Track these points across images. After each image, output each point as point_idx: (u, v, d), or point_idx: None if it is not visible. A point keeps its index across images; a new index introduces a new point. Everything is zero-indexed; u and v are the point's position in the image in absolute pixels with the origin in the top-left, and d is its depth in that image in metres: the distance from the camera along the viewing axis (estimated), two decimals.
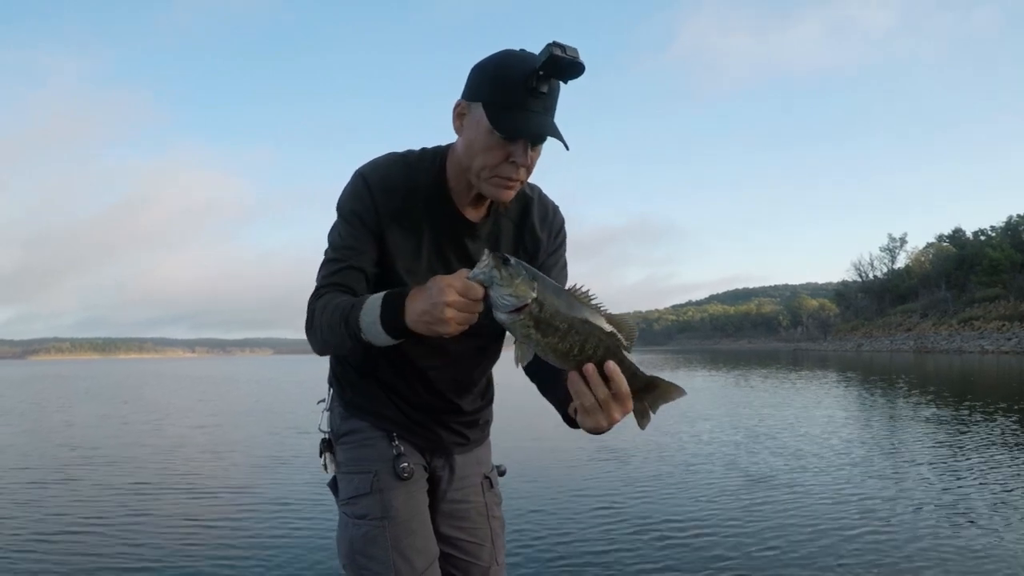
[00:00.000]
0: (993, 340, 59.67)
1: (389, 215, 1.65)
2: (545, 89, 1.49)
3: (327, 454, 1.87)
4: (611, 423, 1.38)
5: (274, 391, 25.41)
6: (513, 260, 1.30)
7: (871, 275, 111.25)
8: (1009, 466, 7.47)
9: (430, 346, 1.63)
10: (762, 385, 22.10)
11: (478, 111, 1.54)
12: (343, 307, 1.51)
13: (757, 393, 18.87)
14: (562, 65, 1.44)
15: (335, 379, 1.88)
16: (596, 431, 1.41)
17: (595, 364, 1.33)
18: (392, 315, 1.40)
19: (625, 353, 1.36)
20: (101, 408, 18.42)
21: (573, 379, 1.36)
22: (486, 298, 1.30)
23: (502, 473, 2.06)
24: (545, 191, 1.88)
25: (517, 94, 1.49)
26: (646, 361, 54.10)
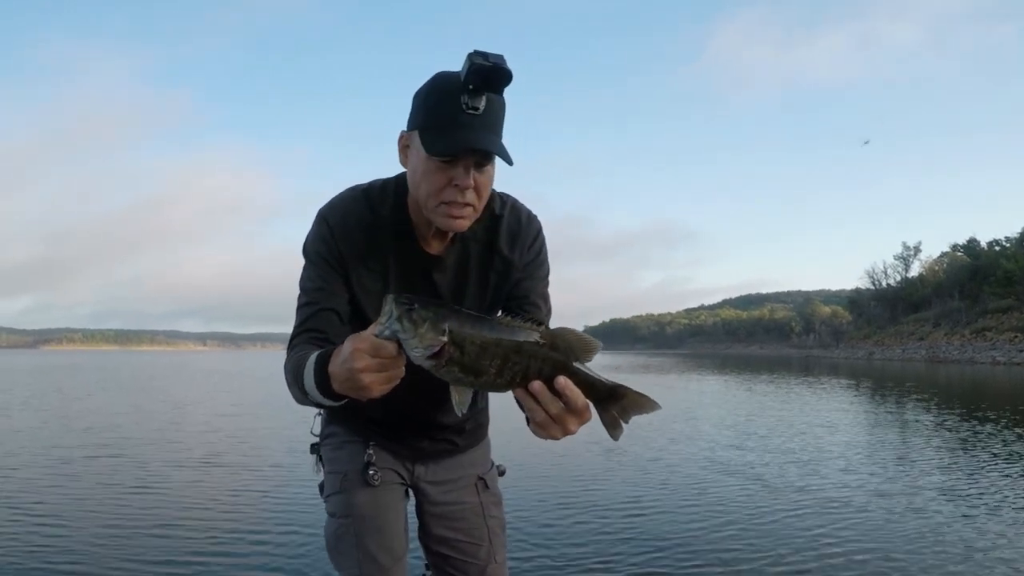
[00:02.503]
0: (1005, 351, 59.24)
1: (352, 256, 1.62)
2: (479, 105, 1.40)
3: (316, 456, 1.94)
4: (567, 435, 1.29)
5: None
6: (417, 304, 1.17)
7: (884, 283, 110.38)
8: (1021, 477, 7.49)
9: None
10: (770, 391, 22.09)
11: (417, 139, 1.47)
12: (295, 370, 1.46)
13: (765, 399, 18.89)
14: (485, 74, 1.35)
15: None
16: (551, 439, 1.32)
17: (543, 381, 1.23)
18: (324, 382, 1.33)
19: (578, 365, 1.25)
20: (117, 397, 18.65)
21: (521, 396, 1.26)
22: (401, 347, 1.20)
23: (501, 473, 2.05)
24: (519, 198, 1.79)
25: (447, 113, 1.41)
26: (655, 364, 53.95)
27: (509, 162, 1.44)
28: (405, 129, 1.54)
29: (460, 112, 1.40)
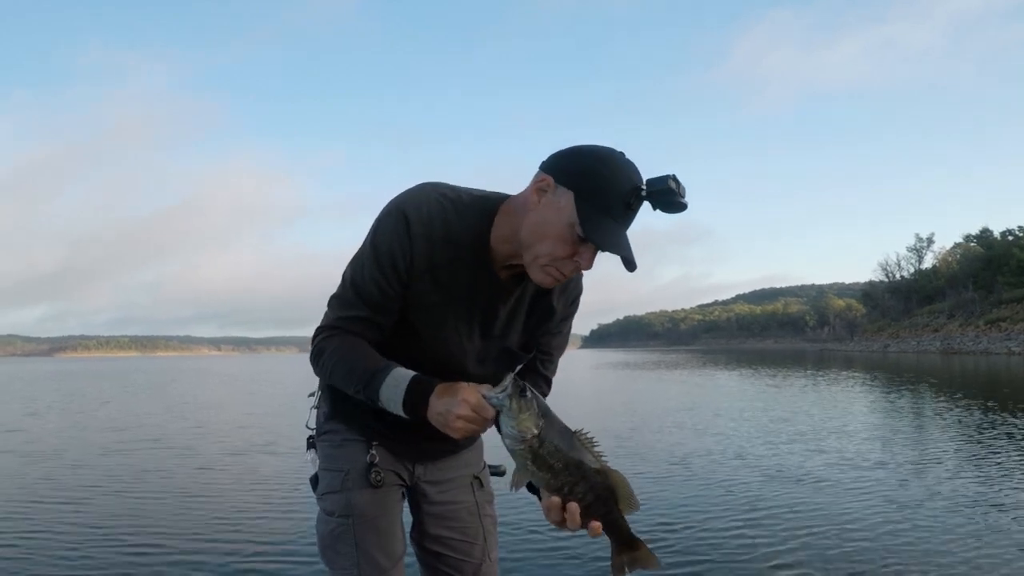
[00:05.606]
0: (1020, 341, 58.66)
1: (425, 265, 1.60)
2: (638, 208, 1.48)
3: (312, 450, 1.91)
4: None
5: (306, 388, 25.75)
6: (529, 392, 1.37)
7: (898, 275, 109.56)
8: None
9: (446, 375, 1.61)
10: (786, 384, 22.15)
11: (565, 199, 1.46)
12: (360, 370, 1.57)
13: (781, 392, 18.96)
14: (670, 202, 1.45)
15: (327, 385, 1.88)
16: None
17: (581, 507, 1.40)
18: (414, 404, 1.49)
19: (613, 504, 1.42)
20: (143, 401, 18.95)
21: (553, 504, 1.42)
22: (497, 416, 1.39)
23: (502, 473, 2.03)
24: None
25: (614, 204, 1.44)
26: (668, 360, 53.92)
27: (633, 268, 1.49)
28: (551, 176, 1.50)
29: (624, 208, 1.45)
